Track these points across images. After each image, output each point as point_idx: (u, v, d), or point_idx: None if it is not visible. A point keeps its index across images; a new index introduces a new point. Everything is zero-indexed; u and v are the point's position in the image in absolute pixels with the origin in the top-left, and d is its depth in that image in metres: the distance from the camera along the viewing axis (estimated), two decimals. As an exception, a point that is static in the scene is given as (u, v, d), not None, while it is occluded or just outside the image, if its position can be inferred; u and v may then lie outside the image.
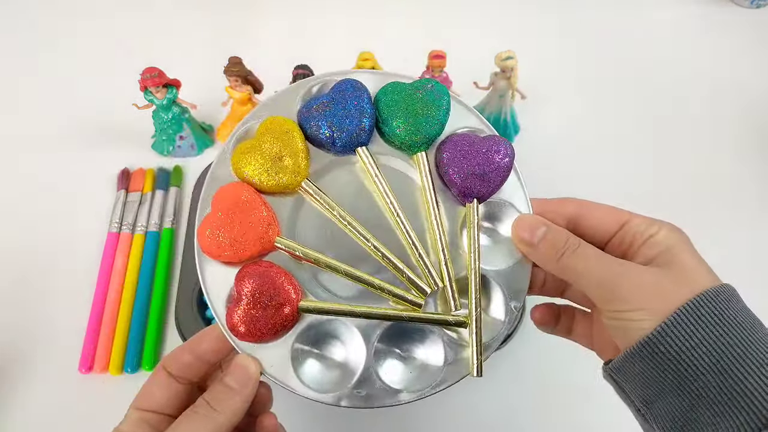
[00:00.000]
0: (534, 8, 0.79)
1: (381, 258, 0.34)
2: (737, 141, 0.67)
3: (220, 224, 0.33)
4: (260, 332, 0.31)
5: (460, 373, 0.33)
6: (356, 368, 0.33)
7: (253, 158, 0.34)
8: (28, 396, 0.50)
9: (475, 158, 0.35)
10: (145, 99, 0.58)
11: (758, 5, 0.78)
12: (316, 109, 0.34)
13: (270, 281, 0.32)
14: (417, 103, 0.35)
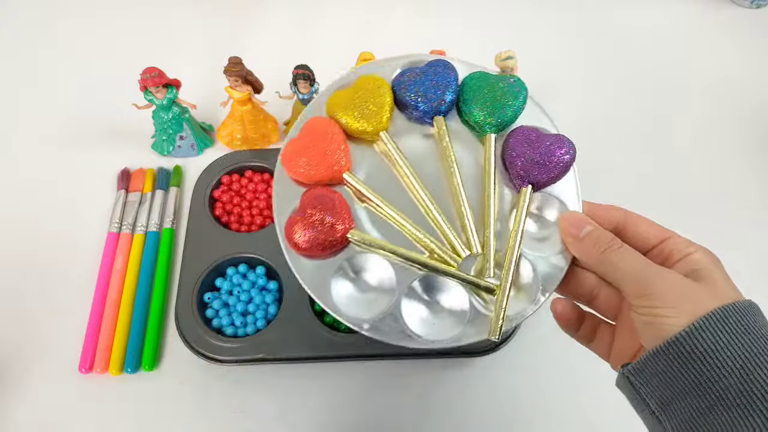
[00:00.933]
0: (534, 8, 0.79)
1: (432, 215, 0.37)
2: (738, 141, 0.67)
3: (303, 146, 0.38)
4: (310, 243, 0.35)
5: (479, 335, 0.35)
6: (384, 304, 0.35)
7: (344, 102, 0.39)
8: (28, 396, 0.50)
9: (539, 148, 0.38)
10: (145, 99, 0.58)
11: (758, 5, 0.78)
12: (408, 76, 0.40)
13: (330, 203, 0.36)
14: (498, 91, 0.39)
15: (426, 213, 0.37)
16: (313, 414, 0.50)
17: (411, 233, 0.37)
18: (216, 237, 0.56)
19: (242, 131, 0.62)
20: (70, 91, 0.70)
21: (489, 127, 0.39)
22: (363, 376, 0.52)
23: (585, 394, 0.51)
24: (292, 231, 0.36)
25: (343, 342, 0.50)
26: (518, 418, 0.50)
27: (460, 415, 0.50)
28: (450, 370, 0.52)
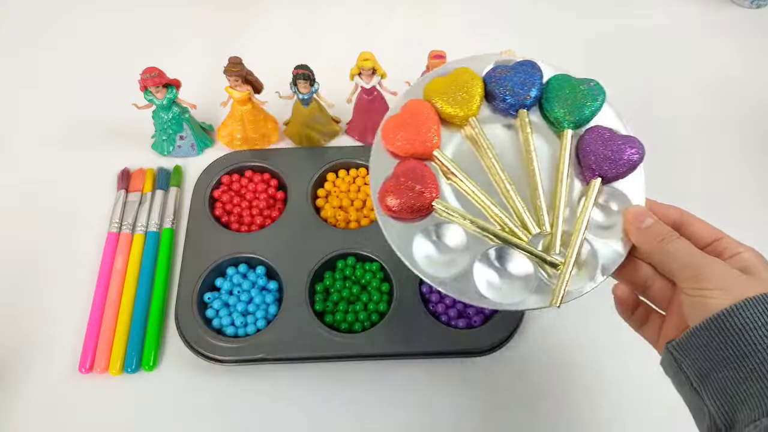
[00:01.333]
0: (534, 8, 0.79)
1: (508, 195, 0.41)
2: (737, 141, 0.67)
3: (402, 123, 0.42)
4: (400, 206, 0.40)
5: (540, 303, 0.39)
6: (459, 267, 0.40)
7: (440, 89, 0.44)
8: (28, 396, 0.50)
9: (611, 146, 0.42)
10: (145, 99, 0.58)
11: (758, 5, 0.78)
12: (499, 72, 0.44)
13: (420, 172, 0.41)
14: (578, 93, 0.43)
15: (502, 193, 0.42)
16: (314, 413, 0.50)
17: (488, 208, 0.41)
18: (216, 237, 0.56)
19: (242, 131, 0.62)
20: (70, 91, 0.70)
21: (567, 123, 0.43)
22: (363, 376, 0.52)
23: (585, 393, 0.51)
24: (385, 195, 0.40)
25: (343, 342, 0.50)
26: (518, 417, 0.50)
27: (460, 415, 0.50)
28: (450, 370, 0.52)
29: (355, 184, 0.60)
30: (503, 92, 0.44)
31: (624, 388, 0.52)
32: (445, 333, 0.51)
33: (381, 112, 0.62)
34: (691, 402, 0.34)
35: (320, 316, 0.52)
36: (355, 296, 0.54)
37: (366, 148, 0.63)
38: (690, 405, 0.35)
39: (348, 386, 0.51)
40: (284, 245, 0.55)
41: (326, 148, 0.63)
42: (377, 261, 0.54)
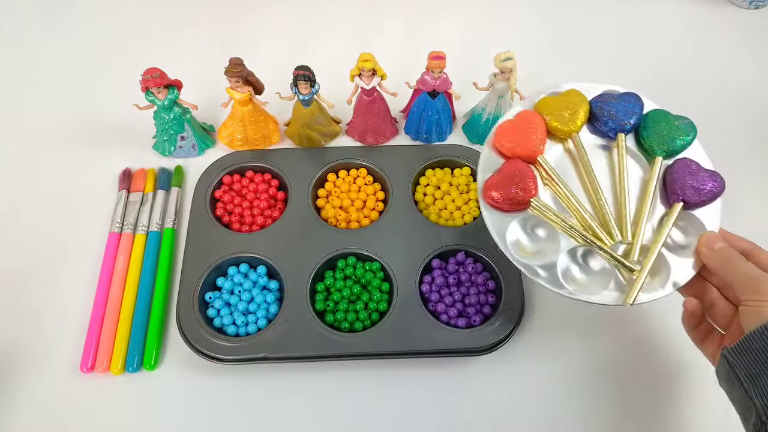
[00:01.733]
0: (534, 8, 0.79)
1: (597, 204, 0.48)
2: (737, 141, 0.67)
3: (514, 128, 0.50)
4: (503, 198, 0.47)
5: (614, 301, 0.45)
6: (546, 258, 0.47)
7: (550, 105, 0.51)
8: (29, 395, 0.51)
9: (696, 177, 0.48)
10: (146, 100, 0.59)
11: (756, 6, 0.78)
12: (606, 98, 0.51)
13: (524, 171, 0.48)
14: (673, 127, 0.50)
15: (593, 201, 0.48)
16: (314, 412, 0.51)
17: (578, 212, 0.48)
18: (217, 237, 0.56)
19: (243, 132, 0.62)
20: (71, 91, 0.71)
21: (660, 151, 0.49)
22: (363, 376, 0.52)
23: (585, 393, 0.52)
24: (490, 188, 0.47)
25: (343, 341, 0.51)
26: (518, 417, 0.51)
27: (460, 415, 0.50)
28: (450, 369, 0.52)
29: (355, 185, 0.61)
30: (607, 116, 0.50)
31: (624, 387, 0.52)
32: (445, 332, 0.51)
33: (381, 112, 0.62)
34: (740, 401, 0.38)
35: (321, 315, 0.53)
36: (356, 296, 0.54)
37: (366, 148, 0.64)
38: (738, 404, 0.39)
39: (348, 385, 0.52)
40: (285, 245, 0.56)
41: (327, 149, 0.64)
42: (378, 261, 0.55)
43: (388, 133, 0.65)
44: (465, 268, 0.55)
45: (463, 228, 0.57)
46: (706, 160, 0.51)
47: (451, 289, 0.54)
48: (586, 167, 0.49)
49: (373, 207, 0.59)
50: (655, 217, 0.48)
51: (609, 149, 0.51)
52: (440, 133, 0.64)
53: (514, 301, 0.52)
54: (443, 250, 0.55)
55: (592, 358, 0.53)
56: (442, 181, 0.61)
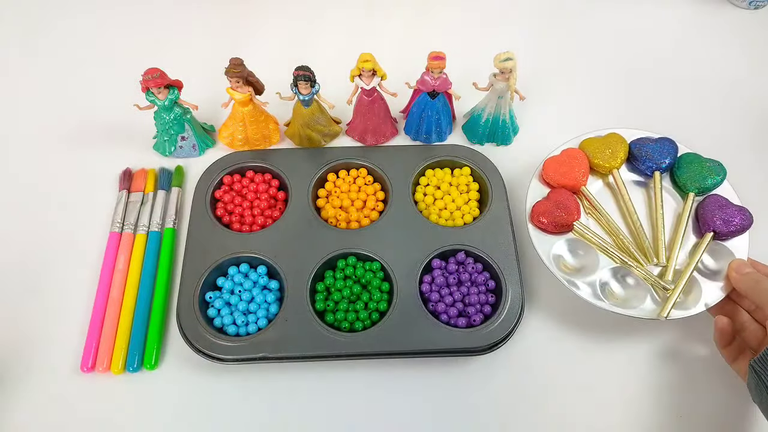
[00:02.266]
0: (533, 9, 0.79)
1: (635, 230, 0.55)
2: (737, 141, 0.67)
3: (561, 162, 0.57)
4: (549, 221, 0.53)
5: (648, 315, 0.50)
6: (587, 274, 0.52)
7: (593, 144, 0.59)
8: (30, 395, 0.51)
9: (726, 211, 0.54)
10: (146, 100, 0.59)
11: (756, 6, 0.78)
12: (644, 141, 0.59)
13: (568, 199, 0.55)
14: (705, 168, 0.57)
15: (631, 228, 0.55)
16: (315, 412, 0.51)
17: (617, 237, 0.54)
18: (217, 237, 0.56)
19: (243, 132, 0.62)
20: (71, 91, 0.71)
21: (692, 188, 0.56)
22: (364, 376, 0.52)
23: (585, 393, 0.52)
24: (539, 213, 0.54)
25: (343, 341, 0.51)
26: (518, 417, 0.51)
27: (460, 414, 0.51)
28: (450, 369, 0.52)
29: (355, 185, 0.61)
30: (645, 156, 0.57)
31: (623, 386, 0.52)
32: (445, 332, 0.51)
33: (381, 113, 0.62)
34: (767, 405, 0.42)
35: (321, 315, 0.53)
36: (356, 295, 0.54)
37: (366, 148, 0.64)
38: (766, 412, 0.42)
39: (349, 385, 0.52)
40: (285, 245, 0.56)
41: (327, 149, 0.64)
42: (378, 260, 0.55)
43: (388, 134, 0.65)
44: (465, 268, 0.55)
45: (463, 228, 0.57)
46: (735, 197, 0.56)
47: (452, 288, 0.54)
48: (624, 198, 0.56)
49: (373, 207, 0.60)
50: (687, 245, 0.54)
51: (646, 185, 0.59)
52: (440, 134, 0.64)
53: (515, 300, 0.52)
54: (443, 250, 0.55)
55: (592, 356, 0.54)
56: (442, 181, 0.61)
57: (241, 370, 0.52)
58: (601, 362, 0.53)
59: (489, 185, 0.59)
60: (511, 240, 0.56)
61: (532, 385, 0.52)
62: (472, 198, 0.60)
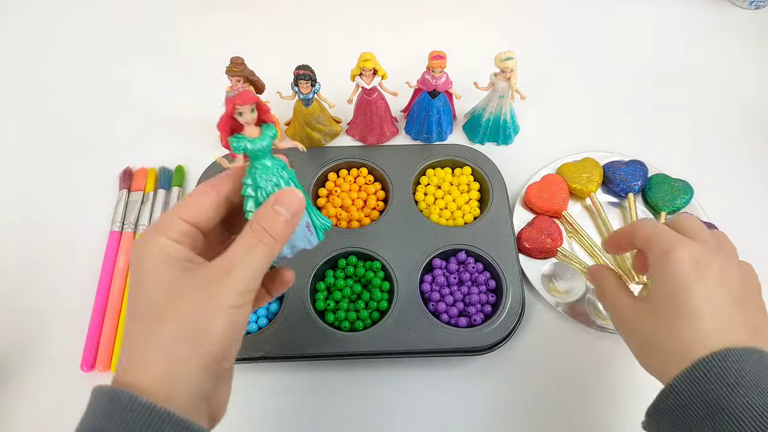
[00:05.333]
0: (533, 8, 0.79)
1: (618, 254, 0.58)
2: (737, 141, 0.67)
3: (542, 189, 0.60)
4: (533, 246, 0.56)
5: None
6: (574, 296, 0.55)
7: (570, 170, 0.62)
8: (30, 394, 0.51)
9: None
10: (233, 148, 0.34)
11: (757, 6, 0.78)
12: (617, 165, 0.62)
13: (551, 225, 0.58)
14: (674, 188, 0.60)
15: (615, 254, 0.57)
16: (314, 412, 0.51)
17: (599, 258, 0.57)
18: (218, 236, 0.56)
19: (244, 131, 0.62)
20: (71, 90, 0.71)
21: (664, 208, 0.59)
22: (364, 375, 0.52)
23: (585, 392, 0.52)
24: (523, 238, 0.57)
25: (344, 340, 0.51)
26: (519, 417, 0.51)
27: (460, 414, 0.50)
28: (450, 369, 0.52)
29: (356, 184, 0.61)
30: (618, 179, 0.60)
31: (624, 385, 0.52)
32: (446, 331, 0.51)
33: (381, 112, 0.62)
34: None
35: (321, 314, 0.53)
36: (357, 295, 0.54)
37: (367, 148, 0.64)
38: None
39: (349, 384, 0.52)
40: (286, 244, 0.56)
41: (327, 148, 0.64)
42: (378, 260, 0.55)
43: (389, 133, 0.65)
44: (466, 268, 0.55)
45: (464, 227, 0.57)
46: (703, 215, 0.59)
47: (452, 288, 0.54)
48: (603, 220, 0.59)
49: (373, 206, 0.59)
50: None
51: (620, 206, 0.61)
52: (441, 133, 0.64)
53: (515, 300, 0.52)
54: (444, 250, 0.55)
55: (593, 357, 0.53)
56: (443, 181, 0.61)
57: (241, 369, 0.52)
58: (602, 362, 0.53)
59: (490, 185, 0.59)
60: (512, 240, 0.56)
61: (533, 384, 0.52)
62: (472, 198, 0.60)
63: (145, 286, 0.30)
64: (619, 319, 0.41)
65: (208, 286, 0.30)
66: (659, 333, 0.37)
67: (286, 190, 0.33)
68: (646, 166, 0.61)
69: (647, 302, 0.39)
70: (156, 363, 0.29)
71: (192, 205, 0.33)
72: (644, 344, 0.39)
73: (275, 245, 0.31)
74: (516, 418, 0.50)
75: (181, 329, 0.29)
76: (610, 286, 0.43)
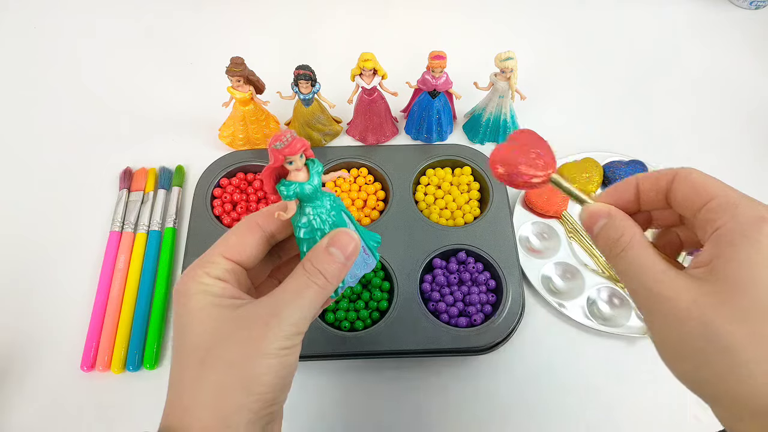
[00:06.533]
0: (534, 8, 0.79)
1: None
2: (738, 141, 0.67)
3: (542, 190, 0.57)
4: (515, 171, 0.33)
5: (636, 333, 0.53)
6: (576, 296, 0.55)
7: (570, 170, 0.61)
8: (30, 394, 0.51)
9: None
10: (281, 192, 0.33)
11: (757, 6, 0.78)
12: (616, 164, 0.61)
13: (543, 145, 0.33)
14: None
15: None
16: (314, 412, 0.51)
17: (598, 258, 0.57)
18: (218, 236, 0.55)
19: (244, 131, 0.62)
20: (71, 90, 0.71)
21: None
22: (364, 375, 0.52)
23: (585, 392, 0.52)
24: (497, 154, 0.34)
25: (344, 340, 0.51)
26: (519, 416, 0.50)
27: (460, 414, 0.50)
28: (450, 368, 0.52)
29: (356, 184, 0.61)
30: (618, 179, 0.60)
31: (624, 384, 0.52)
32: (446, 331, 0.51)
33: (381, 112, 0.62)
34: None
35: (321, 314, 0.53)
36: (357, 294, 0.54)
37: (367, 148, 0.64)
38: None
39: (348, 384, 0.52)
40: (286, 244, 0.56)
41: (327, 148, 0.64)
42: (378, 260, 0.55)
43: (389, 133, 0.65)
44: (466, 267, 0.55)
45: (464, 227, 0.57)
46: None
47: (452, 288, 0.54)
48: None
49: (373, 206, 0.59)
50: None
51: None
52: (441, 133, 0.64)
53: (515, 299, 0.52)
54: (444, 250, 0.55)
55: (594, 356, 0.53)
56: (443, 181, 0.61)
57: (242, 369, 0.52)
58: (603, 362, 0.53)
59: (490, 185, 0.59)
60: (512, 240, 0.56)
61: (533, 384, 0.52)
62: (472, 197, 0.60)
63: (191, 328, 0.29)
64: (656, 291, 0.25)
65: (256, 329, 0.28)
66: (739, 342, 0.23)
67: (342, 232, 0.32)
68: (646, 165, 0.61)
69: (705, 281, 0.24)
70: (206, 413, 0.28)
71: (235, 243, 0.31)
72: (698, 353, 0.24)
73: (328, 287, 0.30)
74: (516, 418, 0.50)
75: (229, 376, 0.28)
76: (643, 242, 0.27)
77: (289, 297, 0.29)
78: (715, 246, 0.25)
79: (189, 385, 0.29)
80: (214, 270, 0.30)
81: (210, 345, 0.29)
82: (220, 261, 0.31)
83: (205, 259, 0.31)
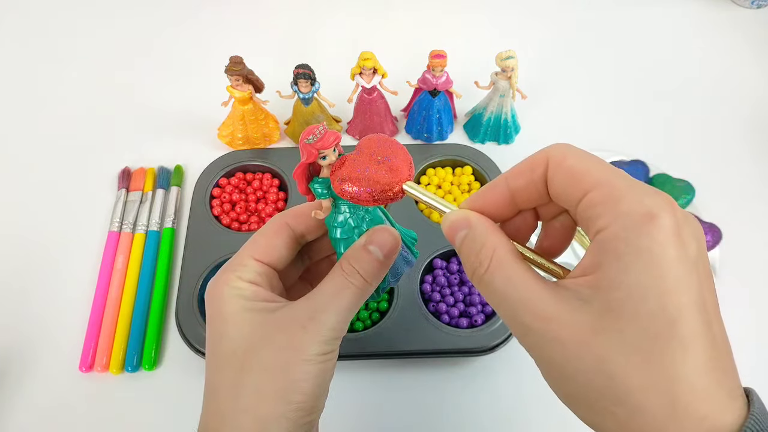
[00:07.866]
0: (534, 8, 0.79)
1: None
2: (738, 141, 0.67)
3: None
4: (361, 183, 0.28)
5: None
6: None
7: None
8: (28, 395, 0.50)
9: None
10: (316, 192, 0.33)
11: (759, 5, 0.78)
12: (618, 165, 0.57)
13: (393, 146, 0.28)
14: (675, 188, 0.58)
15: None
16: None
17: None
18: (217, 236, 0.56)
19: (243, 131, 0.62)
20: (70, 89, 0.70)
21: None
22: (364, 376, 0.52)
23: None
24: (338, 172, 0.29)
25: (343, 341, 0.50)
26: (519, 417, 0.50)
27: (460, 415, 0.50)
28: (450, 369, 0.52)
29: (356, 184, 0.60)
30: None
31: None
32: (446, 332, 0.51)
33: (381, 111, 0.62)
34: None
35: (321, 315, 0.52)
36: (356, 295, 0.53)
37: (367, 147, 0.63)
38: None
39: (348, 385, 0.51)
40: (285, 244, 0.55)
41: (327, 148, 0.63)
42: (378, 260, 0.54)
43: (389, 132, 0.65)
44: (466, 268, 0.55)
45: (465, 227, 0.57)
46: (705, 215, 0.58)
47: (453, 288, 0.54)
48: None
49: (373, 206, 0.59)
50: None
51: None
52: (441, 132, 0.64)
53: (516, 300, 0.52)
54: (445, 250, 0.55)
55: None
56: (444, 181, 0.60)
57: (241, 370, 0.52)
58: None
59: (490, 184, 0.59)
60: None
61: (535, 385, 0.52)
62: (473, 197, 0.60)
63: (227, 333, 0.28)
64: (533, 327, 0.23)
65: (293, 333, 0.27)
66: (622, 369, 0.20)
67: (380, 228, 0.30)
68: (647, 166, 0.61)
69: (590, 305, 0.21)
70: (245, 421, 0.27)
71: (264, 245, 0.30)
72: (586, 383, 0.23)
73: (366, 287, 0.29)
74: (517, 419, 0.50)
75: (267, 383, 0.27)
76: (507, 261, 0.23)
77: (326, 299, 0.28)
78: (599, 253, 0.21)
79: (226, 392, 0.28)
80: (246, 273, 0.29)
81: (247, 350, 0.28)
82: (251, 263, 0.30)
83: (235, 262, 0.30)
